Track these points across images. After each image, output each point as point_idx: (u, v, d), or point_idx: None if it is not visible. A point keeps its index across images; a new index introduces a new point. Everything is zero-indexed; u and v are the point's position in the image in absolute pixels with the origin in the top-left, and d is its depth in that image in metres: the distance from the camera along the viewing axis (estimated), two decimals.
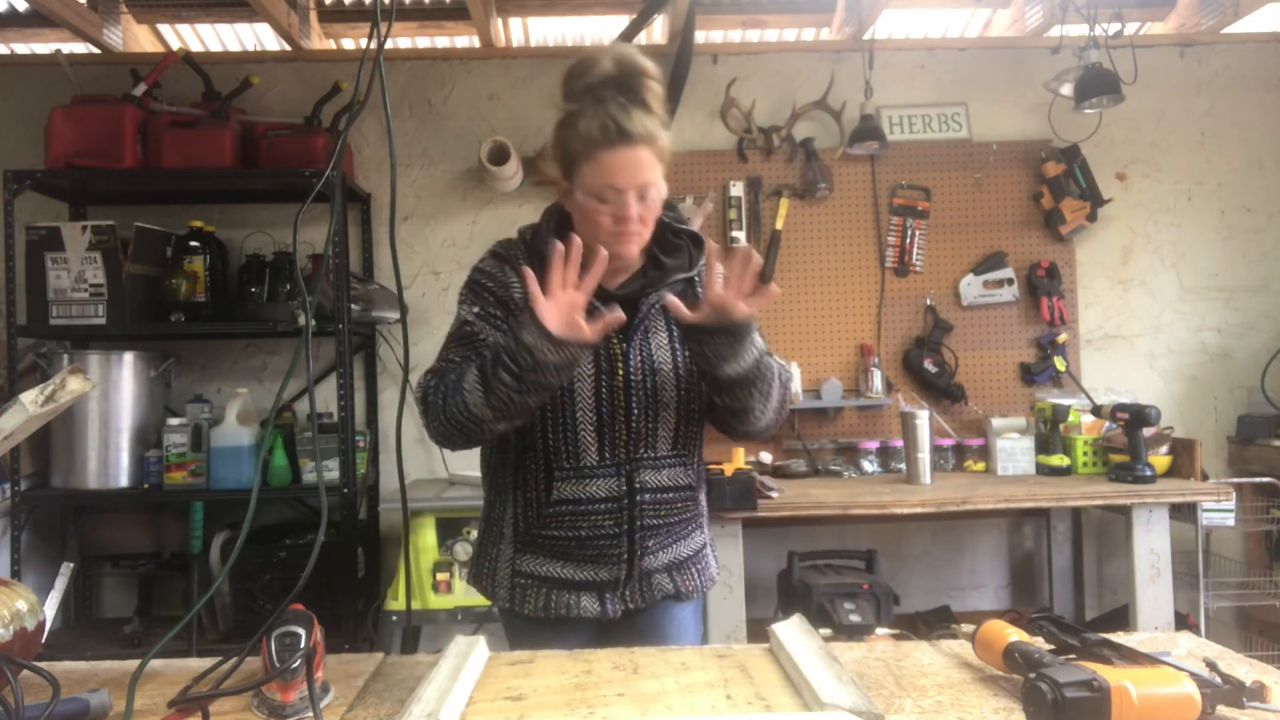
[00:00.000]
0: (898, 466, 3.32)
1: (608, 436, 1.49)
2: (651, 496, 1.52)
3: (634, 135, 1.41)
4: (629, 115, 1.41)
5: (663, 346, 1.53)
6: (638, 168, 1.42)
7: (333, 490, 2.96)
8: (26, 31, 3.52)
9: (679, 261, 1.55)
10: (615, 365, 1.50)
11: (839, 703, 0.97)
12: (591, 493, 1.50)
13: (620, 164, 1.41)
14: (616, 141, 1.40)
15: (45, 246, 2.97)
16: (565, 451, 1.50)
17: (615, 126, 1.40)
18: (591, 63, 1.44)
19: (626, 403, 1.50)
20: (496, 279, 1.52)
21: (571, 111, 1.45)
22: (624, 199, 1.42)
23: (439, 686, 1.05)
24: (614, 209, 1.42)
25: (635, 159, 1.41)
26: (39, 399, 1.12)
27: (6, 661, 1.04)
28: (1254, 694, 0.97)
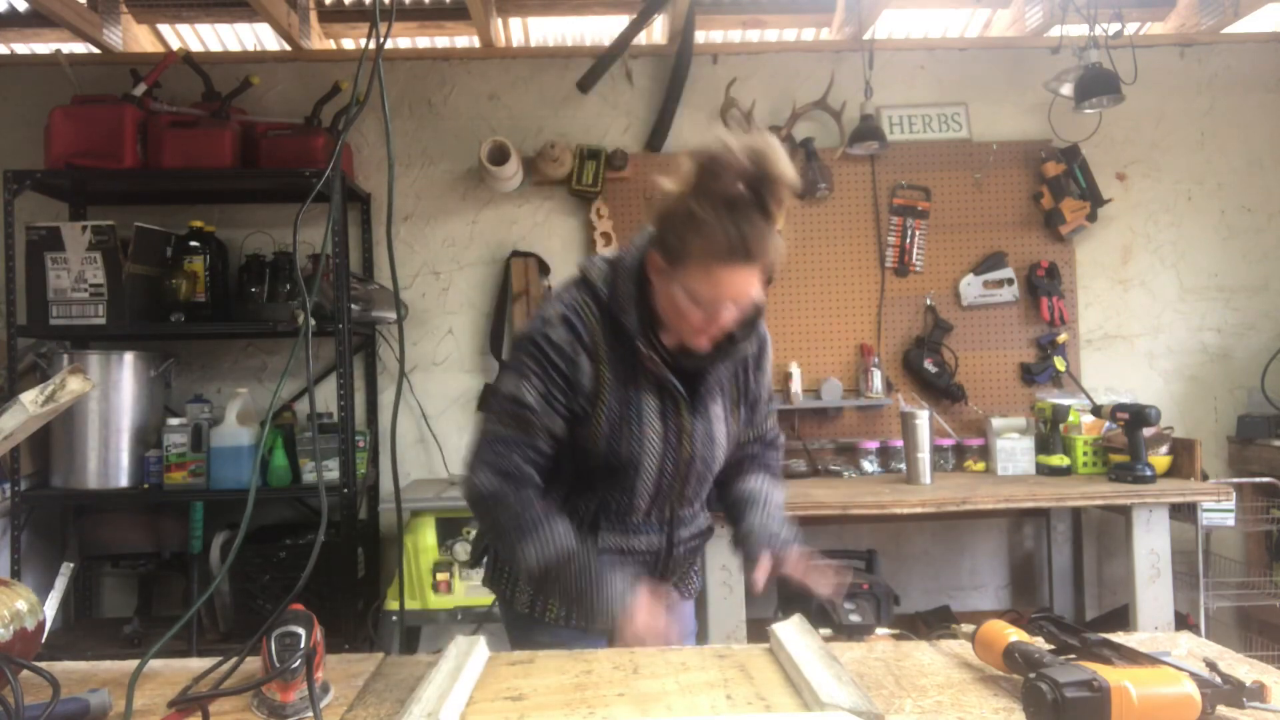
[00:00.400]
0: (898, 466, 3.32)
1: (661, 501, 1.54)
2: (684, 546, 1.62)
3: (755, 255, 1.35)
4: (756, 232, 1.34)
5: (719, 418, 1.56)
6: (748, 285, 1.39)
7: (333, 490, 2.95)
8: (26, 31, 3.52)
9: (744, 332, 1.50)
10: (682, 439, 1.51)
11: (839, 703, 0.97)
12: (633, 545, 1.56)
13: (734, 281, 1.37)
14: (737, 261, 1.35)
15: (45, 246, 2.97)
16: (616, 509, 1.53)
17: (741, 247, 1.34)
18: (728, 165, 1.33)
19: (686, 474, 1.54)
20: (568, 358, 1.45)
21: (695, 212, 1.34)
22: (723, 310, 1.40)
23: (439, 686, 1.05)
24: (709, 314, 1.40)
25: (749, 277, 1.38)
26: (39, 399, 1.12)
27: (6, 661, 1.04)
28: (1254, 694, 0.97)
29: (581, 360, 1.45)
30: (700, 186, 1.35)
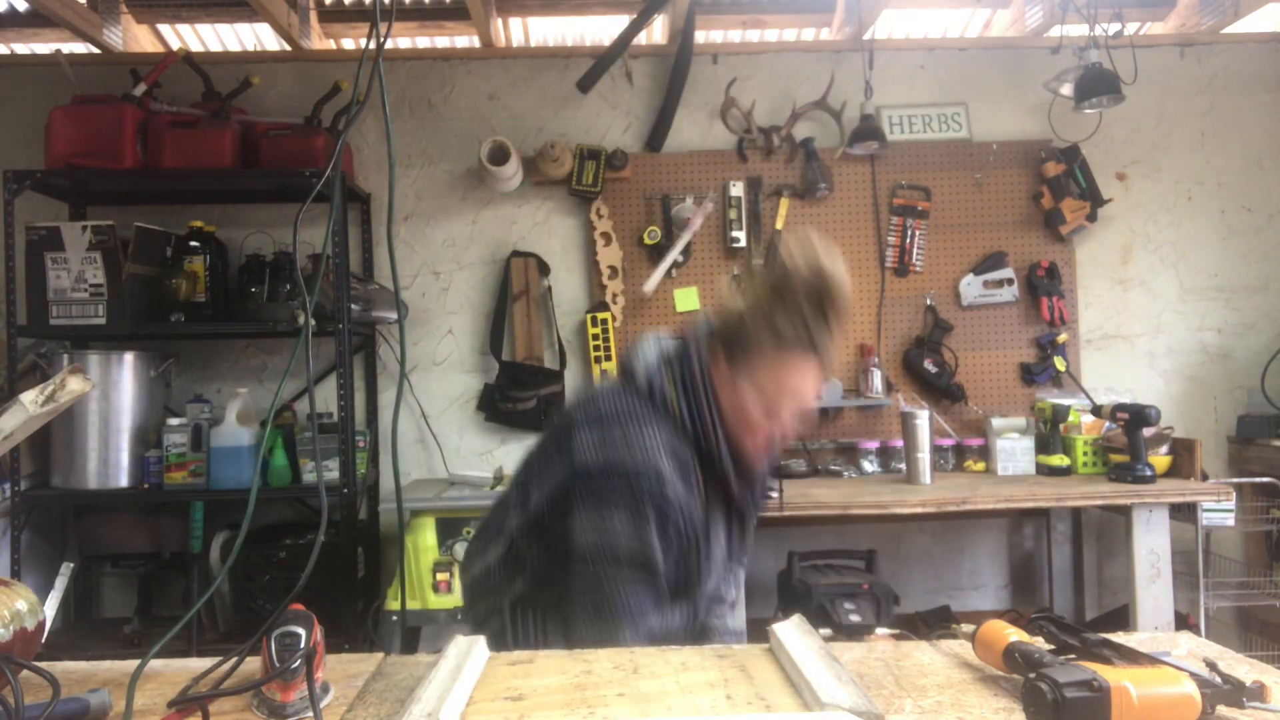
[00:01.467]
0: (898, 466, 3.32)
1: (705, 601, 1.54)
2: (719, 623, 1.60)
3: (819, 349, 1.39)
4: (820, 332, 1.39)
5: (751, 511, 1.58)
6: (811, 378, 1.42)
7: (333, 490, 2.96)
8: (26, 31, 3.52)
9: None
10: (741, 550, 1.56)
11: (839, 703, 0.97)
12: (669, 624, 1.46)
13: (798, 372, 1.40)
14: (802, 350, 1.38)
15: (45, 246, 2.97)
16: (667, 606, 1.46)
17: (806, 338, 1.38)
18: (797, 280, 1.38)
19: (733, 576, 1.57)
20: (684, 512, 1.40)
21: (766, 313, 1.39)
22: (792, 410, 1.42)
23: (439, 686, 1.05)
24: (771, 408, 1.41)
25: (812, 371, 1.41)
26: (39, 399, 1.12)
27: (6, 661, 1.03)
28: (1254, 694, 0.97)
29: (695, 509, 1.42)
30: (773, 301, 1.40)
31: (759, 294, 1.42)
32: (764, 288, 1.42)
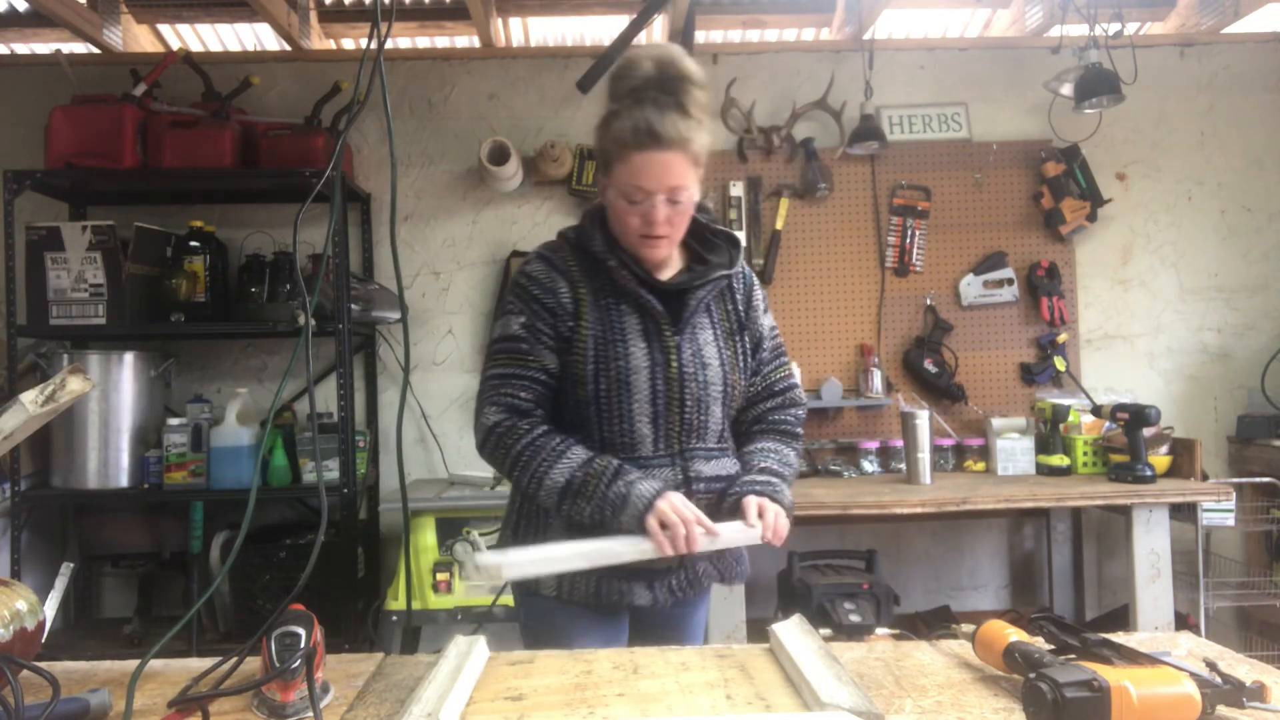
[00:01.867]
0: (898, 466, 3.32)
1: (663, 427, 1.53)
2: (705, 485, 1.55)
3: (665, 138, 1.44)
4: (663, 118, 1.44)
5: (709, 342, 1.58)
6: (666, 171, 1.45)
7: (333, 490, 2.95)
8: (26, 31, 3.52)
9: (721, 259, 1.60)
10: (669, 357, 1.53)
11: (839, 703, 0.97)
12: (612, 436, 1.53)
13: (649, 166, 1.44)
14: (647, 144, 1.44)
15: (45, 246, 2.97)
16: (621, 443, 1.52)
17: (647, 129, 1.43)
18: (634, 64, 1.48)
19: (680, 394, 1.53)
20: (545, 285, 1.54)
21: (610, 111, 1.50)
22: (652, 201, 1.46)
23: (439, 686, 1.05)
24: (642, 211, 1.47)
25: (665, 162, 1.45)
26: (39, 399, 1.12)
27: (6, 661, 1.03)
28: (1254, 694, 0.97)
29: (560, 284, 1.53)
30: (612, 92, 1.51)
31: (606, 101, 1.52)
32: (606, 90, 1.53)
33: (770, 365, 1.69)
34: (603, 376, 1.51)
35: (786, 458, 1.63)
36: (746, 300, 1.66)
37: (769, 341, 1.69)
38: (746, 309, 1.65)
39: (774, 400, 1.69)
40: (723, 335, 1.60)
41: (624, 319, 1.54)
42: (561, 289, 1.54)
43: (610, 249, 1.54)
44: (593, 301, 1.54)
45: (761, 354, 1.67)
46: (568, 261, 1.56)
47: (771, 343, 1.69)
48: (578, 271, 1.56)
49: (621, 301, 1.55)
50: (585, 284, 1.55)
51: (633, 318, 1.54)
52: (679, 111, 1.46)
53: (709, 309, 1.61)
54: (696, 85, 1.48)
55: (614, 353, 1.51)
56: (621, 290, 1.54)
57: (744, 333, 1.64)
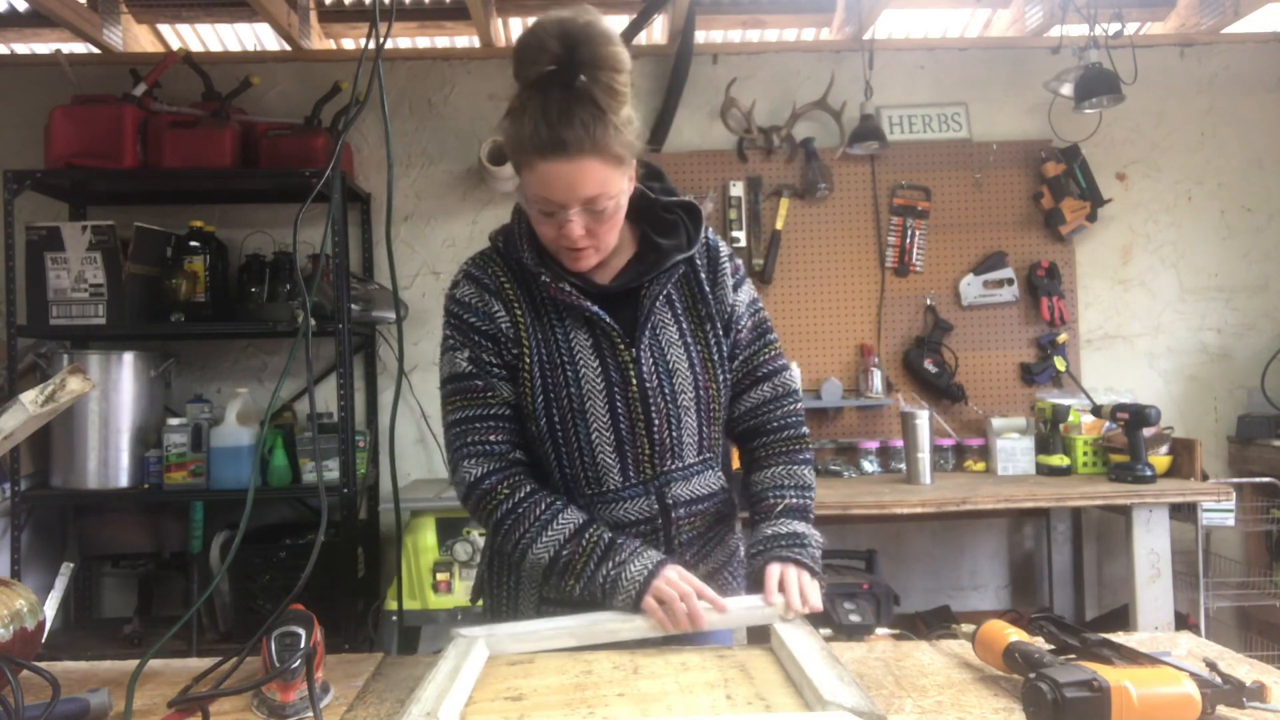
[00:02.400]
0: (898, 466, 3.32)
1: (630, 454, 1.35)
2: (686, 510, 1.39)
3: (571, 145, 1.20)
4: (569, 119, 1.19)
5: (674, 343, 1.37)
6: (578, 182, 1.22)
7: (332, 490, 2.95)
8: (26, 31, 3.52)
9: (675, 241, 1.38)
10: (627, 375, 1.33)
11: (841, 702, 0.97)
12: (621, 516, 1.36)
13: (557, 178, 1.22)
14: (550, 153, 1.20)
15: (45, 246, 2.97)
16: (585, 477, 1.36)
17: (549, 135, 1.19)
18: (538, 42, 1.20)
19: (646, 414, 1.34)
20: (478, 310, 1.36)
21: (514, 104, 1.25)
22: (565, 214, 1.25)
23: (439, 686, 1.05)
24: (557, 221, 1.26)
25: (575, 172, 1.21)
26: (39, 399, 1.12)
27: (6, 661, 1.03)
28: (1254, 694, 0.97)
29: (494, 307, 1.35)
30: (516, 74, 1.24)
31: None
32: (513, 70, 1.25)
33: (752, 347, 1.45)
34: (554, 408, 1.33)
35: (801, 479, 1.44)
36: (712, 276, 1.42)
37: (747, 319, 1.45)
38: (714, 287, 1.41)
39: (761, 390, 1.46)
40: (690, 330, 1.39)
41: (570, 337, 1.34)
42: (497, 312, 1.35)
43: (541, 259, 1.34)
44: (533, 322, 1.35)
45: (738, 333, 1.43)
46: (499, 277, 1.36)
47: (751, 319, 1.45)
48: (511, 288, 1.36)
49: (565, 317, 1.35)
50: (521, 302, 1.35)
51: (580, 334, 1.34)
52: (590, 106, 1.20)
53: (670, 302, 1.38)
54: (615, 69, 1.21)
55: (563, 378, 1.33)
56: (562, 305, 1.34)
57: (715, 318, 1.40)
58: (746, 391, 1.47)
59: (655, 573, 1.26)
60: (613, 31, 1.22)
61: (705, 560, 1.44)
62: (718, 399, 1.40)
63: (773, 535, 1.38)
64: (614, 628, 1.25)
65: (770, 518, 1.41)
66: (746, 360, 1.45)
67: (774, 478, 1.45)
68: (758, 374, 1.46)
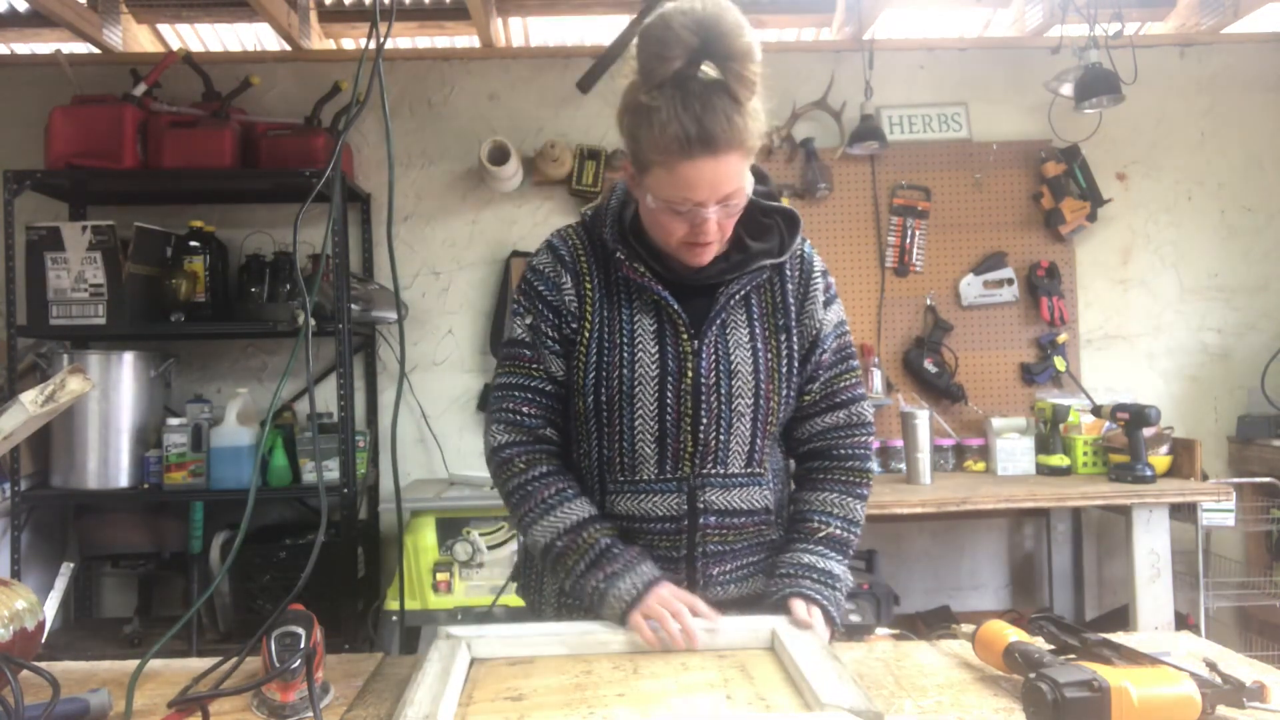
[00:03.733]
0: (898, 466, 3.32)
1: (670, 448, 1.31)
2: (717, 520, 1.33)
3: (719, 141, 1.18)
4: (714, 114, 1.17)
5: (742, 345, 1.33)
6: (721, 179, 1.20)
7: (333, 490, 2.95)
8: (26, 31, 3.52)
9: (768, 245, 1.35)
10: (684, 366, 1.30)
11: (840, 702, 0.97)
12: (647, 510, 1.33)
13: (701, 177, 1.19)
14: (699, 153, 1.17)
15: (45, 246, 2.97)
16: (621, 463, 1.33)
17: (699, 134, 1.17)
18: (672, 33, 1.16)
19: (695, 410, 1.30)
20: (549, 279, 1.35)
21: (646, 103, 1.20)
22: (703, 212, 1.22)
23: (430, 689, 1.05)
24: (690, 219, 1.22)
25: (719, 169, 1.19)
26: (39, 399, 1.12)
27: (6, 661, 1.03)
28: (1254, 694, 0.97)
29: (564, 280, 1.34)
30: (644, 71, 1.20)
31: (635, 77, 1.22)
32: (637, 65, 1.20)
33: (834, 369, 1.40)
34: (604, 387, 1.31)
35: (851, 513, 1.39)
36: (802, 289, 1.38)
37: (833, 340, 1.40)
38: (801, 300, 1.37)
39: (835, 415, 1.41)
40: (762, 336, 1.34)
41: (635, 320, 1.32)
42: (565, 285, 1.34)
43: (620, 238, 1.33)
44: (601, 299, 1.33)
45: (821, 354, 1.38)
46: (576, 251, 1.36)
47: (836, 341, 1.40)
48: (587, 263, 1.35)
49: (635, 299, 1.33)
50: (594, 278, 1.34)
51: (646, 318, 1.32)
52: (731, 99, 1.18)
53: (748, 303, 1.35)
54: (751, 60, 1.19)
55: (618, 359, 1.31)
56: (634, 286, 1.32)
57: (793, 331, 1.36)
58: (821, 415, 1.41)
59: (645, 592, 1.23)
60: (744, 21, 1.18)
61: (742, 582, 1.38)
62: (777, 412, 1.35)
63: (808, 565, 1.33)
64: (605, 639, 1.23)
65: (810, 541, 1.36)
66: (827, 384, 1.40)
67: (825, 502, 1.39)
68: (836, 399, 1.41)
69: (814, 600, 1.29)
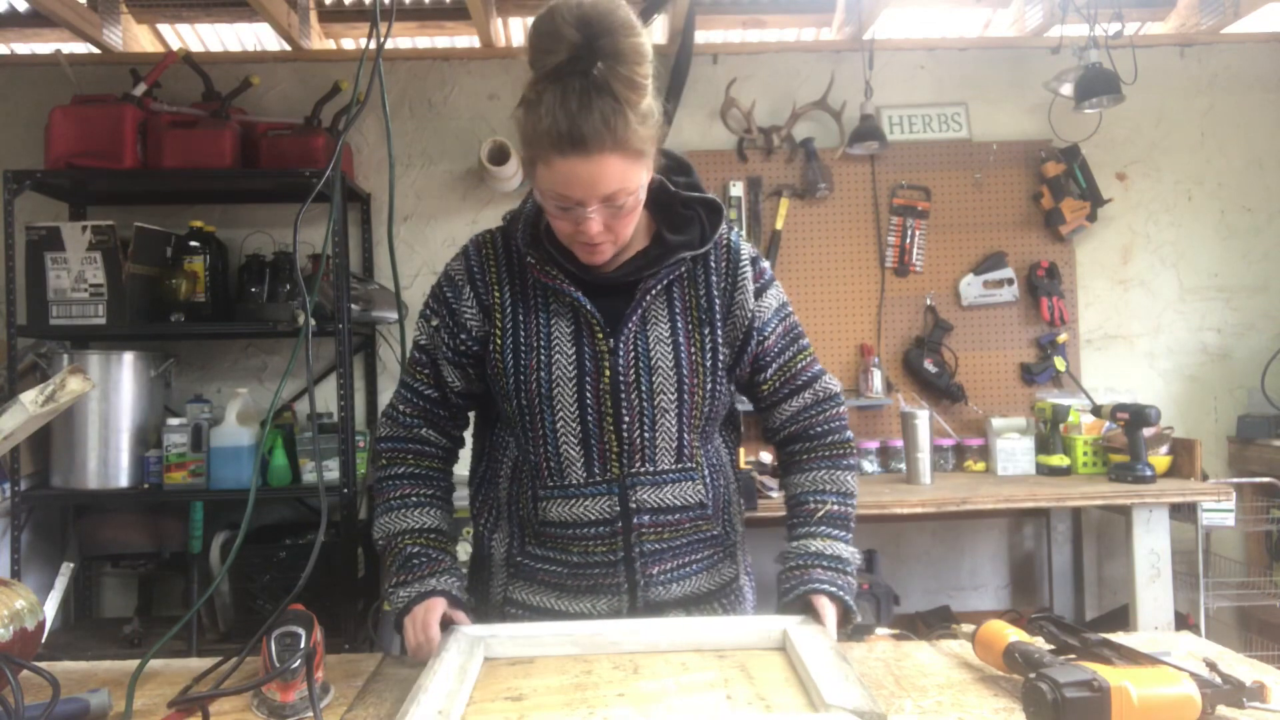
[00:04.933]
0: (898, 466, 3.32)
1: (595, 449, 1.30)
2: (651, 518, 1.32)
3: (592, 142, 1.14)
4: (589, 113, 1.13)
5: (662, 340, 1.30)
6: (598, 180, 1.16)
7: (333, 490, 2.95)
8: (26, 31, 3.52)
9: (687, 238, 1.32)
10: (601, 365, 1.29)
11: (843, 703, 0.97)
12: (579, 514, 1.32)
13: (575, 176, 1.16)
14: (569, 150, 1.14)
15: (45, 246, 2.97)
16: (548, 468, 1.32)
17: (569, 131, 1.14)
18: (555, 28, 1.14)
19: (615, 409, 1.28)
20: (455, 284, 1.37)
21: (528, 94, 1.20)
22: (583, 211, 1.19)
23: (447, 684, 1.05)
24: (574, 217, 1.20)
25: (594, 169, 1.15)
26: (39, 399, 1.12)
27: (6, 661, 1.03)
28: (1254, 694, 0.97)
29: (465, 291, 1.35)
30: (531, 62, 1.19)
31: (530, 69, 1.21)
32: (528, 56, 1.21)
33: (785, 354, 1.40)
34: (523, 391, 1.30)
35: (844, 486, 1.39)
36: (729, 280, 1.35)
37: (775, 324, 1.39)
38: (729, 291, 1.34)
39: (801, 397, 1.41)
40: (685, 330, 1.32)
41: (552, 323, 1.30)
42: (465, 296, 1.35)
43: (533, 241, 1.32)
44: (515, 303, 1.33)
45: (763, 342, 1.37)
46: (489, 258, 1.36)
47: (780, 325, 1.39)
48: (497, 271, 1.35)
49: (551, 302, 1.32)
50: (506, 284, 1.34)
51: (563, 321, 1.30)
52: (609, 100, 1.14)
53: (669, 297, 1.32)
54: (636, 61, 1.15)
55: (535, 362, 1.29)
56: (549, 289, 1.31)
57: (718, 324, 1.34)
58: (787, 400, 1.42)
59: (409, 608, 1.30)
60: (634, 20, 1.16)
61: (683, 581, 1.36)
62: (702, 406, 1.33)
63: (816, 553, 1.33)
64: (616, 639, 1.24)
65: (810, 523, 1.36)
66: (782, 368, 1.40)
67: (815, 481, 1.40)
68: (797, 381, 1.41)
69: (830, 595, 1.29)
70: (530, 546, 1.37)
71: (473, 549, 1.53)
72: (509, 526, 1.40)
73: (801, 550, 1.35)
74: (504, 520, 1.42)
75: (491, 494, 1.45)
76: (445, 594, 1.31)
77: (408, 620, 1.30)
